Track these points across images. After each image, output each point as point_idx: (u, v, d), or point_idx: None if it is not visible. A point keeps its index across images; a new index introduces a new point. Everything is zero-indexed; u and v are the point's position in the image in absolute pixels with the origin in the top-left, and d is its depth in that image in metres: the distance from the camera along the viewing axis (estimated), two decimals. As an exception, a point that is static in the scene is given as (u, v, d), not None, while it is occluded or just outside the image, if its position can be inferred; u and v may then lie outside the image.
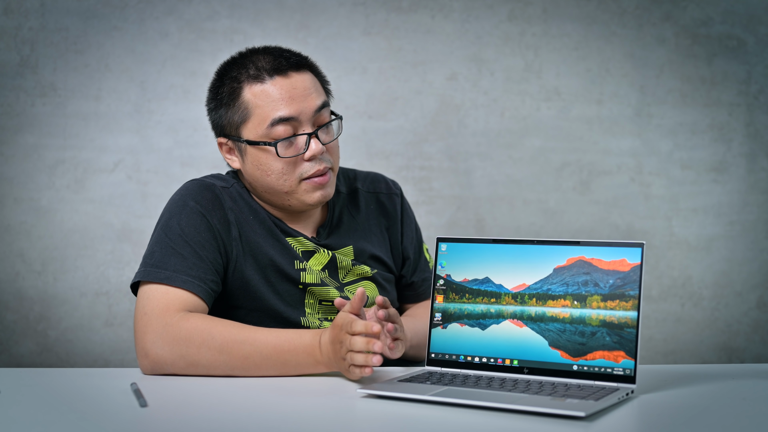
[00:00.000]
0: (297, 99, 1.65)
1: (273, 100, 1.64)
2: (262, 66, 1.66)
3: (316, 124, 1.67)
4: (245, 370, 1.51)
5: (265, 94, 1.64)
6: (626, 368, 1.38)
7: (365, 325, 1.42)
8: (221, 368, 1.51)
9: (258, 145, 1.65)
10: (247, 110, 1.66)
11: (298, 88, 1.65)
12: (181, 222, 1.63)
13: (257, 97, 1.65)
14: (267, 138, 1.65)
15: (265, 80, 1.65)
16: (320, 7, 2.94)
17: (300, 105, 1.65)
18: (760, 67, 3.06)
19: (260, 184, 1.69)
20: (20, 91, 2.84)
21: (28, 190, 2.85)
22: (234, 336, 1.51)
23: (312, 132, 1.65)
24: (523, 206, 3.02)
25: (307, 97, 1.65)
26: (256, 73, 1.65)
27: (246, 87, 1.66)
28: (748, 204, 3.08)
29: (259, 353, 1.50)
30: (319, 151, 1.65)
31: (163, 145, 2.89)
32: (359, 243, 1.79)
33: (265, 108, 1.64)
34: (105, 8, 2.86)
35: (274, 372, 1.51)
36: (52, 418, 1.27)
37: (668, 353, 3.07)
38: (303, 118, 1.65)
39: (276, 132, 1.64)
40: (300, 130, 1.65)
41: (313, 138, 1.65)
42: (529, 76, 3.02)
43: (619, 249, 1.43)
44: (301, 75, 1.67)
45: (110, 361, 2.87)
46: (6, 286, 2.85)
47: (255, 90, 1.65)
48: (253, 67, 1.66)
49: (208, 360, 1.50)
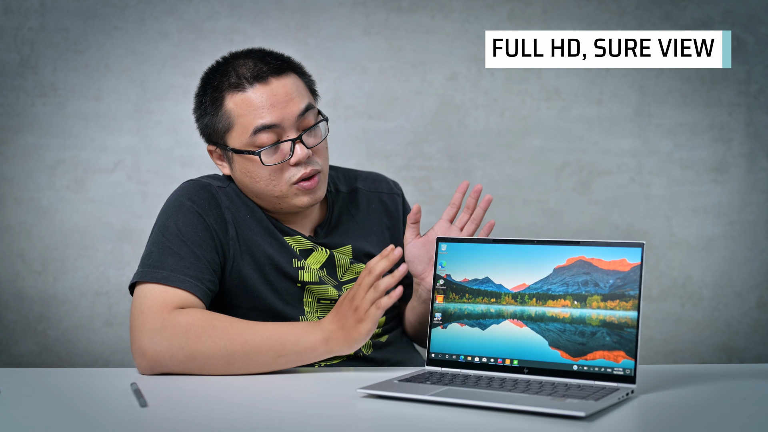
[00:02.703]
0: (278, 105, 1.64)
1: (254, 108, 1.64)
2: (242, 74, 1.65)
3: (300, 128, 1.67)
4: (245, 355, 1.51)
5: (246, 102, 1.64)
6: (626, 368, 1.38)
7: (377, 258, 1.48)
8: (220, 355, 1.50)
9: (243, 153, 1.66)
10: (230, 119, 1.66)
11: (279, 94, 1.65)
12: (178, 222, 1.64)
13: (239, 106, 1.65)
14: (251, 146, 1.65)
15: (245, 88, 1.64)
16: (320, 7, 2.94)
17: (282, 111, 1.64)
18: (760, 67, 3.06)
19: (250, 190, 1.70)
20: (20, 91, 2.84)
21: (28, 190, 2.85)
22: (234, 324, 1.53)
23: (296, 137, 1.65)
24: (523, 206, 3.02)
25: (288, 103, 1.65)
26: (237, 81, 1.65)
27: (227, 96, 1.66)
28: (748, 204, 3.08)
29: (258, 335, 1.51)
30: (304, 156, 1.65)
31: (163, 145, 2.89)
32: (358, 242, 1.79)
33: (247, 117, 1.64)
34: (105, 8, 2.86)
35: (273, 355, 1.51)
36: (52, 418, 1.27)
37: (668, 353, 3.07)
38: (286, 124, 1.65)
39: (260, 140, 1.64)
40: (284, 136, 1.65)
41: (297, 143, 1.65)
42: (529, 76, 3.02)
43: (619, 249, 1.43)
44: (281, 80, 1.66)
45: (110, 361, 2.87)
46: (6, 286, 2.85)
47: (236, 99, 1.65)
48: (234, 75, 1.66)
49: (208, 348, 1.50)
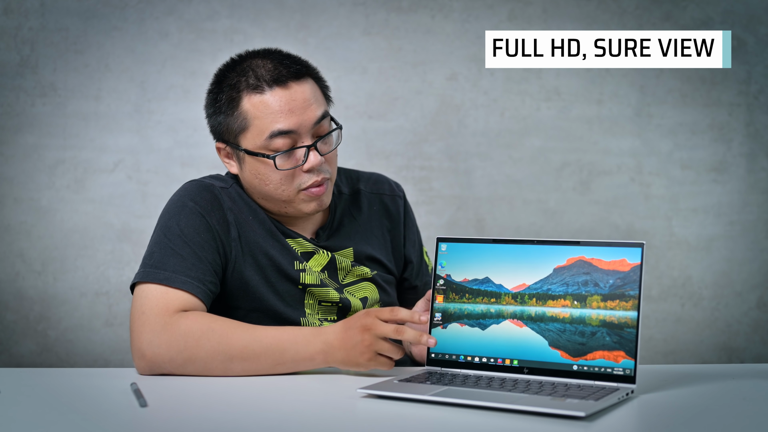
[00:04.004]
0: (296, 111, 1.62)
1: (272, 112, 1.62)
2: (262, 75, 1.63)
3: (315, 135, 1.65)
4: (243, 360, 1.51)
5: (264, 105, 1.62)
6: (626, 368, 1.38)
7: (411, 313, 1.47)
8: (219, 360, 1.50)
9: (256, 156, 1.64)
10: (245, 120, 1.64)
11: (298, 99, 1.63)
12: (180, 223, 1.63)
13: (256, 108, 1.63)
14: (265, 149, 1.63)
15: (264, 91, 1.62)
16: (320, 7, 2.94)
17: (299, 117, 1.62)
18: (760, 67, 3.06)
19: (257, 191, 1.68)
20: (20, 91, 2.84)
21: (28, 190, 2.85)
22: (233, 328, 1.52)
23: (311, 144, 1.64)
24: (523, 206, 3.02)
25: (306, 109, 1.63)
26: (256, 83, 1.63)
27: (245, 97, 1.63)
28: (748, 204, 3.08)
29: (258, 342, 1.51)
30: (317, 163, 1.64)
31: (163, 145, 2.89)
32: (359, 245, 1.79)
33: (264, 120, 1.62)
34: (105, 8, 2.86)
35: (272, 362, 1.51)
36: (52, 418, 1.27)
37: (668, 353, 3.07)
38: (302, 131, 1.63)
39: (275, 144, 1.62)
40: (299, 142, 1.63)
41: (312, 150, 1.64)
42: (529, 76, 3.02)
43: (619, 249, 1.43)
44: (301, 85, 1.64)
45: (110, 361, 2.87)
46: (6, 286, 2.85)
47: (254, 101, 1.63)
48: (253, 76, 1.63)
49: (206, 352, 1.50)
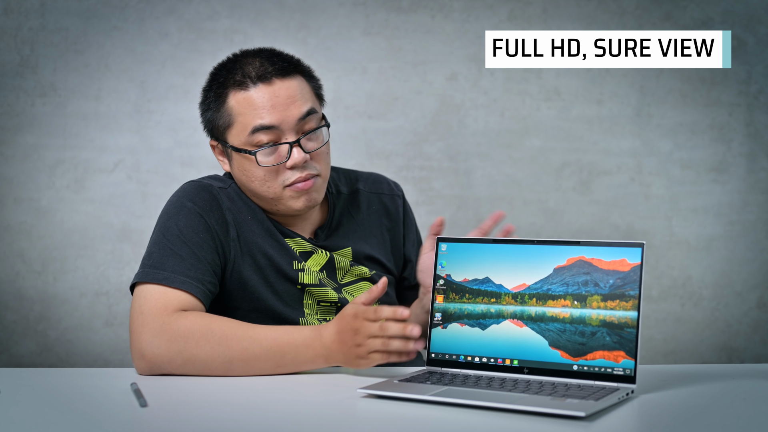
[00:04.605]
0: (279, 107, 1.64)
1: (255, 108, 1.64)
2: (248, 72, 1.65)
3: (300, 132, 1.66)
4: (243, 362, 1.51)
5: (247, 101, 1.65)
6: (626, 368, 1.38)
7: (393, 310, 1.45)
8: (219, 361, 1.50)
9: (240, 152, 1.66)
10: (231, 116, 1.66)
11: (281, 96, 1.64)
12: (179, 223, 1.63)
13: (240, 105, 1.65)
14: (249, 145, 1.65)
15: (248, 87, 1.65)
16: (320, 7, 2.94)
17: (282, 113, 1.64)
18: (760, 67, 3.06)
19: (246, 188, 1.70)
20: (20, 91, 2.84)
21: (28, 190, 2.85)
22: (233, 330, 1.52)
23: (294, 141, 1.65)
24: (523, 206, 3.02)
25: (290, 105, 1.64)
26: (241, 79, 1.65)
27: (231, 93, 1.66)
28: (748, 204, 3.08)
29: (258, 344, 1.51)
30: (300, 160, 1.65)
31: (163, 145, 2.89)
32: (358, 245, 1.79)
33: (247, 116, 1.64)
34: (105, 8, 2.86)
35: (272, 365, 1.51)
36: (52, 418, 1.27)
37: (668, 353, 3.07)
38: (285, 127, 1.64)
39: (257, 139, 1.64)
40: (283, 139, 1.65)
41: (295, 147, 1.65)
42: (529, 76, 3.02)
43: (619, 249, 1.43)
44: (286, 82, 1.66)
45: (110, 361, 2.87)
46: (6, 286, 2.85)
47: (239, 97, 1.65)
48: (240, 73, 1.66)
49: (206, 354, 1.50)
